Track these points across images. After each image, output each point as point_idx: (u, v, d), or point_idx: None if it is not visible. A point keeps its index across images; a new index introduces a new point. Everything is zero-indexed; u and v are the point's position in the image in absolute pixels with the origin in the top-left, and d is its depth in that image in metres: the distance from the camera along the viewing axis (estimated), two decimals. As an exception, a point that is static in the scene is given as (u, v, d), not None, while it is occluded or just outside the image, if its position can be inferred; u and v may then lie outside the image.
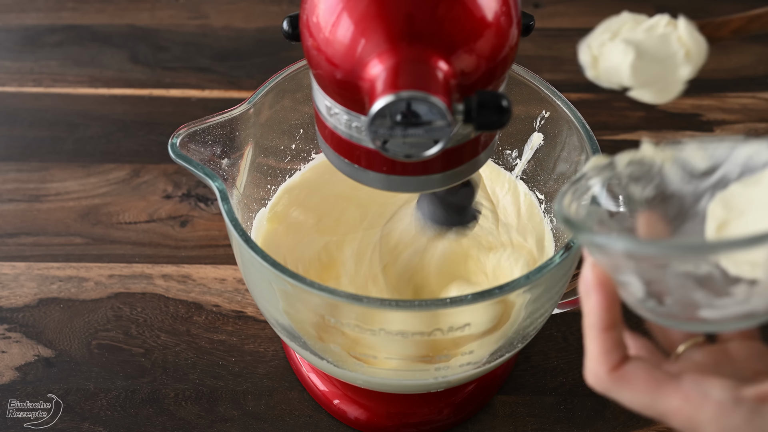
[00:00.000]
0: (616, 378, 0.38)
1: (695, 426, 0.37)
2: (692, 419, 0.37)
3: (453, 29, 0.39)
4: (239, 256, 0.54)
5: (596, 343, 0.38)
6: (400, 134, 0.39)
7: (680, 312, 0.38)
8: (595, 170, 0.42)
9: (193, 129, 0.54)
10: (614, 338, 0.38)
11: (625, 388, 0.38)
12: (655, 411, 0.38)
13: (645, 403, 0.38)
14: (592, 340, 0.38)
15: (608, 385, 0.38)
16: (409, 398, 0.63)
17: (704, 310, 0.37)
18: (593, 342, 0.38)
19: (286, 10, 1.00)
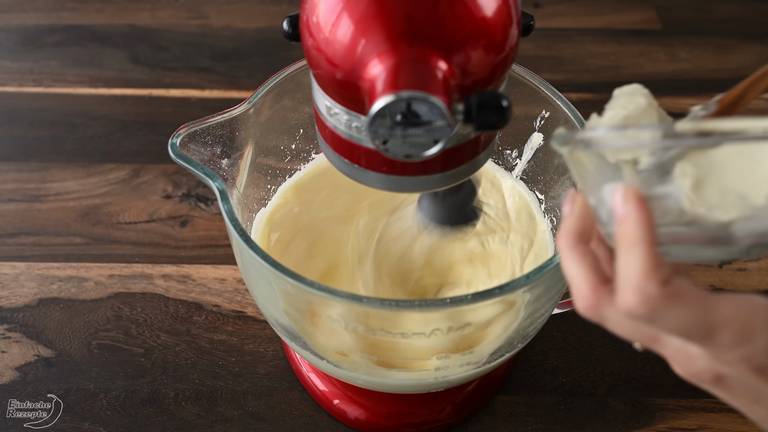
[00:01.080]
0: (670, 294, 0.36)
1: (751, 332, 0.36)
2: (747, 325, 0.36)
3: (453, 29, 0.39)
4: (239, 256, 0.54)
5: (646, 259, 0.36)
6: (400, 134, 0.39)
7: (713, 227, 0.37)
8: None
9: (193, 129, 0.54)
10: (659, 254, 0.37)
11: (679, 304, 0.36)
12: (708, 325, 0.36)
13: (699, 316, 0.36)
14: (640, 257, 0.36)
15: (660, 302, 0.36)
16: (409, 398, 0.63)
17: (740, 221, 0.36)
18: (642, 259, 0.36)
19: (286, 10, 1.00)
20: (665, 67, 0.94)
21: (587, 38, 0.97)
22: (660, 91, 0.91)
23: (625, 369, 0.67)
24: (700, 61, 0.95)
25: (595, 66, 0.94)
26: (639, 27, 0.99)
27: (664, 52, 0.96)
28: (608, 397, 0.65)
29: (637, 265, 0.36)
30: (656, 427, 0.64)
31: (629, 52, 0.96)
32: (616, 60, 0.95)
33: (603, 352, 0.68)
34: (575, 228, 0.40)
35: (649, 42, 0.97)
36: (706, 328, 0.36)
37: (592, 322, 0.72)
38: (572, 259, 0.39)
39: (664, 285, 0.36)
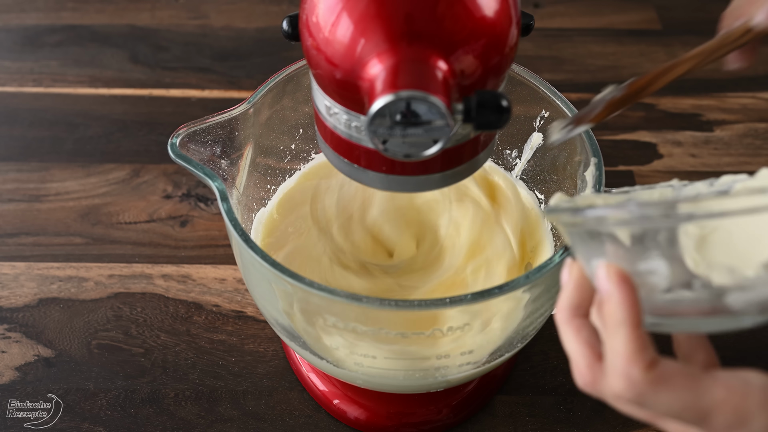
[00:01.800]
0: (655, 378, 0.35)
1: (745, 415, 0.35)
2: (741, 409, 0.35)
3: (452, 29, 0.39)
4: (239, 256, 0.54)
5: (630, 341, 0.35)
6: (399, 134, 0.39)
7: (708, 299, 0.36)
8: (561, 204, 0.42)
9: (192, 129, 0.54)
10: (644, 335, 0.35)
11: (665, 389, 0.35)
12: (698, 409, 0.35)
13: (687, 402, 0.35)
14: (623, 339, 0.35)
15: (645, 387, 0.35)
16: (409, 398, 0.63)
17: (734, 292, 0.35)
18: (626, 341, 0.35)
19: (286, 10, 1.00)
20: (665, 67, 0.94)
21: (587, 38, 0.97)
22: (660, 91, 0.91)
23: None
24: (700, 61, 0.95)
25: (595, 66, 0.94)
26: (639, 27, 0.99)
27: (664, 52, 0.96)
28: (608, 397, 0.65)
29: (620, 349, 0.35)
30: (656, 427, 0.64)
31: (629, 52, 0.96)
32: (616, 60, 0.95)
33: (603, 352, 0.68)
34: (571, 300, 0.39)
35: (649, 42, 0.97)
36: (697, 413, 0.35)
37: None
38: (568, 334, 0.39)
39: (648, 369, 0.35)
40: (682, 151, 0.85)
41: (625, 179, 0.82)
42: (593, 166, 0.54)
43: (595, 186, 0.53)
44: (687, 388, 0.35)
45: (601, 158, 0.54)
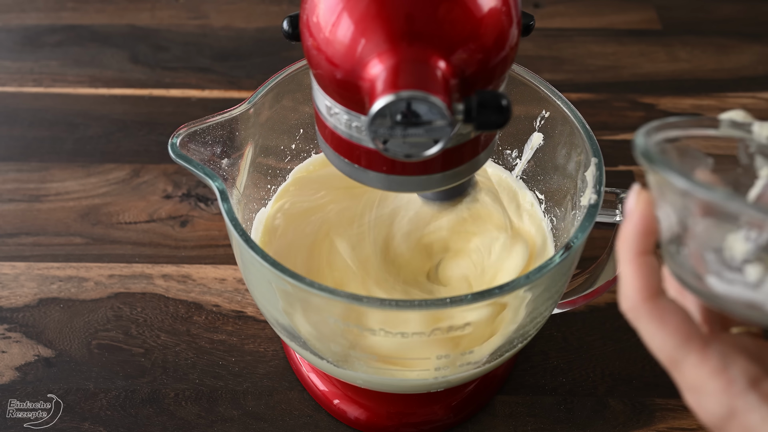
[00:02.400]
0: (650, 309, 0.36)
1: (699, 394, 0.36)
2: (699, 385, 0.35)
3: (453, 29, 0.39)
4: (239, 256, 0.54)
5: (632, 266, 0.37)
6: (400, 134, 0.39)
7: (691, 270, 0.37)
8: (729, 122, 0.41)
9: (193, 129, 0.54)
10: (650, 264, 0.37)
11: (655, 324, 0.36)
12: (671, 359, 0.36)
13: (667, 347, 0.36)
14: (627, 263, 0.37)
15: (640, 313, 0.36)
16: (409, 398, 0.63)
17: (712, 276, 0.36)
18: (631, 266, 0.37)
19: (286, 10, 1.00)
20: (665, 67, 0.94)
21: (587, 38, 0.97)
22: (660, 91, 0.91)
23: (625, 369, 0.67)
24: (700, 61, 0.95)
25: (595, 66, 0.94)
26: (639, 27, 0.99)
27: (664, 52, 0.96)
28: (608, 397, 0.65)
29: (626, 272, 0.37)
30: (656, 427, 0.64)
31: (629, 52, 0.96)
32: (616, 60, 0.95)
33: (603, 352, 0.68)
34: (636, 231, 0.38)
35: (649, 42, 0.97)
36: (670, 361, 0.36)
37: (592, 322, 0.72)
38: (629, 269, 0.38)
39: (648, 299, 0.36)
40: (682, 151, 0.85)
41: (625, 179, 0.82)
42: (593, 166, 0.54)
43: (595, 186, 0.53)
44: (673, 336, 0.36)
45: (601, 158, 0.54)
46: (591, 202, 0.52)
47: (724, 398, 0.35)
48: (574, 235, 0.50)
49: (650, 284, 0.36)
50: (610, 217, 0.54)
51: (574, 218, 0.57)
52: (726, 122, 0.40)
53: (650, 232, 0.37)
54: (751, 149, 0.40)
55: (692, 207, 0.35)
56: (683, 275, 0.37)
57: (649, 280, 0.36)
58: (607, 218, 0.54)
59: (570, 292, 0.59)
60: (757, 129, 0.40)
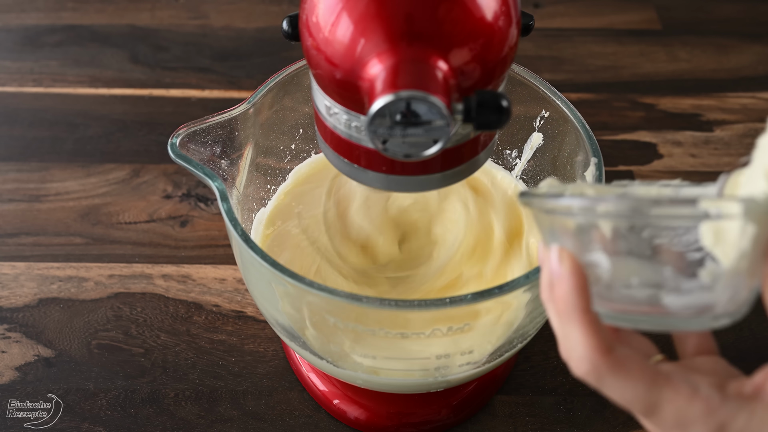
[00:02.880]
0: (612, 363, 0.35)
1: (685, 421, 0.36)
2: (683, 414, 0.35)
3: (452, 29, 0.39)
4: (239, 256, 0.54)
5: (584, 326, 0.36)
6: (399, 134, 0.39)
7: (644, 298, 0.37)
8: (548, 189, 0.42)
9: (192, 129, 0.54)
10: (597, 320, 0.36)
11: (621, 376, 0.35)
12: (647, 403, 0.36)
13: (639, 393, 0.35)
14: (578, 324, 0.36)
15: (603, 371, 0.35)
16: (409, 398, 0.63)
17: (669, 295, 0.36)
18: (581, 326, 0.36)
19: (286, 10, 1.00)
20: (665, 67, 0.94)
21: (587, 38, 0.97)
22: (660, 91, 0.91)
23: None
24: (700, 61, 0.95)
25: (595, 66, 0.94)
26: (639, 27, 0.99)
27: (664, 52, 0.96)
28: (608, 397, 0.65)
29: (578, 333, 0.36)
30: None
31: (629, 52, 0.96)
32: (616, 60, 0.95)
33: (603, 352, 0.68)
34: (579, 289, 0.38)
35: (649, 42, 0.97)
36: (645, 406, 0.36)
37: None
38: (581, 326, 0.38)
39: (607, 353, 0.35)
40: (682, 151, 0.85)
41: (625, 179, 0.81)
42: (593, 166, 0.54)
43: (595, 186, 0.53)
44: (641, 380, 0.35)
45: (601, 158, 0.54)
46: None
47: (709, 418, 0.35)
48: (574, 235, 0.50)
49: (605, 340, 0.36)
50: (609, 217, 0.54)
51: (574, 218, 0.57)
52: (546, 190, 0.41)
53: (585, 286, 0.36)
54: None
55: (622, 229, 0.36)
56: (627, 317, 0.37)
57: (601, 336, 0.36)
58: (607, 218, 0.54)
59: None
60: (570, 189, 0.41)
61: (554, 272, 0.37)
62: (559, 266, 0.37)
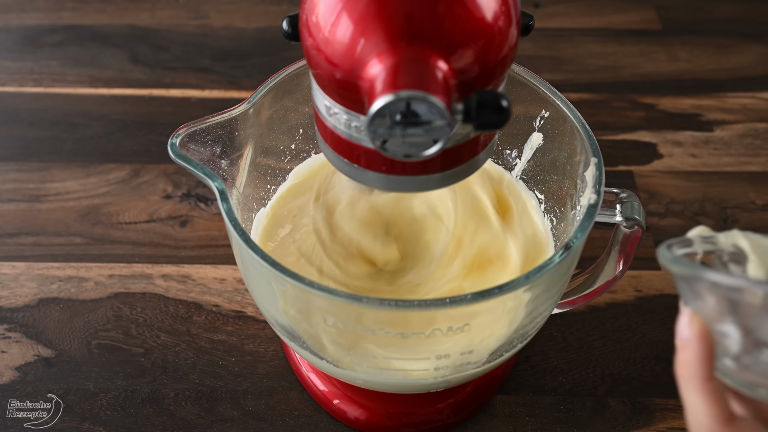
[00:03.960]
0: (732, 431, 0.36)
1: None
2: None
3: (452, 29, 0.39)
4: (239, 256, 0.54)
5: (705, 394, 0.36)
6: (399, 134, 0.39)
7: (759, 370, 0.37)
8: (698, 239, 0.43)
9: (192, 129, 0.54)
10: (719, 388, 0.36)
11: None
12: None
13: None
14: (699, 392, 0.36)
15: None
16: (409, 398, 0.63)
17: None
18: (702, 394, 0.36)
19: (286, 10, 1.00)
20: (665, 67, 0.94)
21: (587, 38, 0.97)
22: (660, 91, 0.91)
23: (625, 369, 0.67)
24: (700, 61, 0.95)
25: (595, 66, 0.94)
26: (639, 27, 0.99)
27: (664, 52, 0.96)
28: (608, 397, 0.65)
29: (697, 402, 0.36)
30: (656, 427, 0.64)
31: (629, 52, 0.96)
32: (616, 60, 0.95)
33: (603, 352, 0.68)
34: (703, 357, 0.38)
35: (649, 42, 0.97)
36: None
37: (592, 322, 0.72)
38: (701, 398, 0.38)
39: (726, 423, 0.36)
40: (682, 151, 0.85)
41: (625, 179, 0.82)
42: (593, 166, 0.54)
43: (594, 186, 0.53)
44: None
45: (601, 158, 0.54)
46: (591, 202, 0.52)
47: None
48: (574, 235, 0.50)
49: (725, 409, 0.36)
50: (609, 217, 0.54)
51: (574, 218, 0.57)
52: (697, 239, 0.43)
53: (711, 355, 0.36)
54: (724, 258, 0.42)
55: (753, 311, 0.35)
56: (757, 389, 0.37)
57: (722, 405, 0.36)
58: (607, 218, 0.54)
59: (570, 292, 0.59)
60: (723, 239, 0.42)
61: (682, 336, 0.37)
62: (687, 331, 0.37)
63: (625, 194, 0.55)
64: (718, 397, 0.36)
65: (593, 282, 0.59)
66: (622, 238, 0.56)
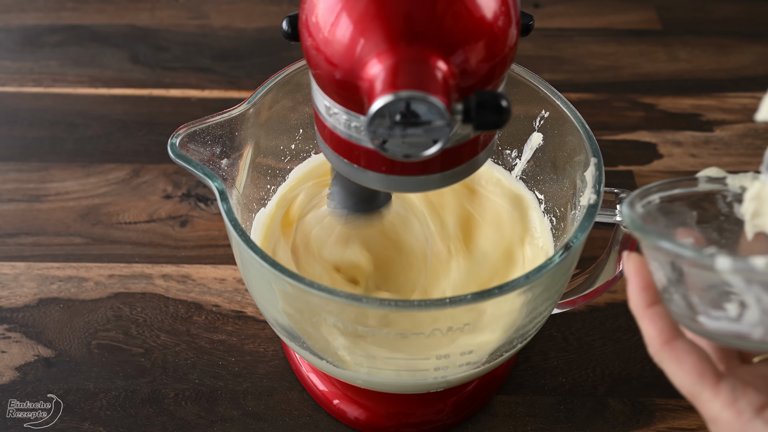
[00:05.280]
0: (668, 352, 0.41)
1: (716, 424, 0.40)
2: (715, 417, 0.40)
3: (452, 29, 0.39)
4: (239, 256, 0.54)
5: (643, 319, 0.42)
6: (399, 134, 0.39)
7: (685, 311, 0.42)
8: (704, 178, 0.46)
9: (192, 129, 0.54)
10: (659, 313, 0.42)
11: (674, 364, 0.41)
12: (690, 394, 0.41)
13: (686, 384, 0.41)
14: (641, 318, 0.42)
15: (661, 357, 0.41)
16: (409, 398, 0.63)
17: (701, 316, 0.41)
18: (642, 319, 0.42)
19: (286, 10, 1.00)
20: (665, 67, 0.94)
21: (587, 38, 0.97)
22: (660, 91, 0.91)
23: (625, 369, 0.67)
24: (700, 61, 0.95)
25: (595, 66, 0.94)
26: (639, 27, 0.99)
27: (664, 52, 0.96)
28: (608, 397, 0.65)
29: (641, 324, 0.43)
30: (656, 427, 0.64)
31: (629, 52, 0.96)
32: (616, 60, 0.95)
33: (603, 352, 0.68)
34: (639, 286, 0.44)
35: (649, 42, 0.97)
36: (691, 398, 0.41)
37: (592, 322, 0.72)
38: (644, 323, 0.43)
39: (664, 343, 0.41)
40: (682, 151, 0.85)
41: (625, 179, 0.82)
42: (593, 166, 0.54)
43: (594, 186, 0.53)
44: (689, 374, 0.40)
45: (601, 158, 0.54)
46: (590, 202, 0.52)
47: (735, 427, 0.39)
48: (574, 235, 0.50)
49: (663, 331, 0.41)
50: (609, 216, 0.54)
51: (574, 218, 0.57)
52: (703, 179, 0.46)
53: (647, 286, 0.43)
54: (729, 198, 0.46)
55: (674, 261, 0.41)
56: (680, 317, 0.42)
57: (660, 328, 0.42)
58: (607, 218, 0.54)
59: (570, 292, 0.59)
60: (731, 181, 0.46)
61: (625, 271, 0.44)
62: (626, 268, 0.44)
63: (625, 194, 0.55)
64: (656, 321, 0.42)
65: (593, 282, 0.59)
66: (622, 238, 0.56)
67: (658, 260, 0.42)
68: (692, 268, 0.40)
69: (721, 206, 0.46)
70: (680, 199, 0.46)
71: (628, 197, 0.45)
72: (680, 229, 0.46)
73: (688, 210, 0.47)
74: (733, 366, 0.44)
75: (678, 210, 0.46)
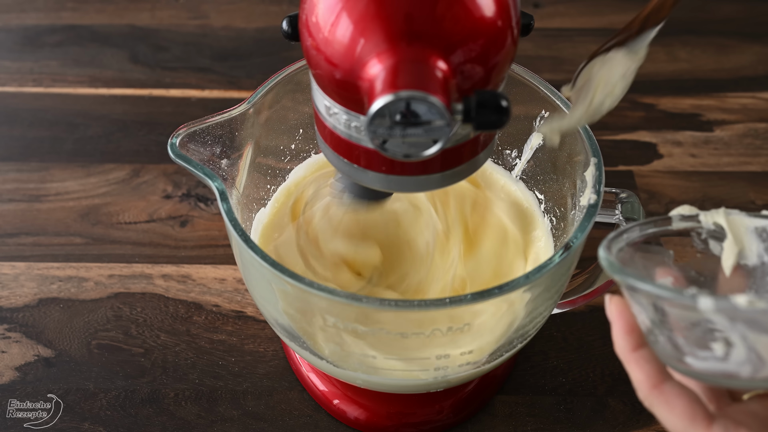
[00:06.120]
0: (658, 396, 0.41)
1: None
2: None
3: (452, 29, 0.39)
4: (239, 256, 0.54)
5: (630, 363, 0.42)
6: (399, 134, 0.39)
7: (671, 353, 0.41)
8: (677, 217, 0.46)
9: (192, 129, 0.54)
10: (645, 357, 0.41)
11: (664, 408, 0.40)
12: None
13: (678, 429, 0.40)
14: (627, 361, 0.42)
15: (651, 401, 0.41)
16: (409, 398, 0.63)
17: (688, 357, 0.40)
18: (629, 363, 0.42)
19: (286, 10, 1.00)
20: (665, 67, 0.94)
21: (587, 38, 0.97)
22: (660, 91, 0.91)
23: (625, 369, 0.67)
24: (700, 61, 0.95)
25: (595, 66, 0.94)
26: (639, 27, 0.99)
27: (664, 52, 0.96)
28: (608, 397, 0.65)
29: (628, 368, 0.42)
30: (656, 427, 0.64)
31: (629, 52, 0.96)
32: (616, 60, 0.95)
33: (603, 352, 0.68)
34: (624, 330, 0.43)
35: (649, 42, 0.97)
36: None
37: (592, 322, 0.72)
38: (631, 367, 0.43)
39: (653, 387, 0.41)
40: (682, 151, 0.85)
41: (625, 179, 0.82)
42: (593, 166, 0.54)
43: (594, 186, 0.53)
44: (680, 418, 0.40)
45: (601, 158, 0.54)
46: (590, 202, 0.52)
47: None
48: (574, 235, 0.50)
49: (651, 375, 0.41)
50: (609, 217, 0.54)
51: (574, 218, 0.57)
52: (677, 217, 0.46)
53: (632, 330, 0.42)
54: (703, 236, 0.46)
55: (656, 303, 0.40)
56: (667, 359, 0.42)
57: (648, 372, 0.41)
58: (607, 218, 0.54)
59: (570, 292, 0.59)
60: (704, 218, 0.46)
61: (608, 315, 0.43)
62: (609, 312, 0.43)
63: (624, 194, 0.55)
64: (643, 365, 0.41)
65: (593, 282, 0.59)
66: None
67: (640, 303, 0.41)
68: (674, 308, 0.40)
69: (696, 243, 0.46)
70: (655, 238, 0.47)
71: (604, 240, 0.44)
72: (659, 269, 0.46)
73: (665, 250, 0.47)
74: (723, 405, 0.43)
75: (655, 250, 0.47)
